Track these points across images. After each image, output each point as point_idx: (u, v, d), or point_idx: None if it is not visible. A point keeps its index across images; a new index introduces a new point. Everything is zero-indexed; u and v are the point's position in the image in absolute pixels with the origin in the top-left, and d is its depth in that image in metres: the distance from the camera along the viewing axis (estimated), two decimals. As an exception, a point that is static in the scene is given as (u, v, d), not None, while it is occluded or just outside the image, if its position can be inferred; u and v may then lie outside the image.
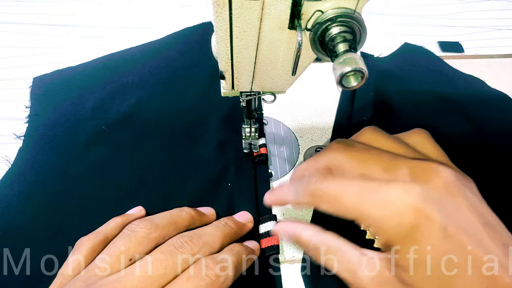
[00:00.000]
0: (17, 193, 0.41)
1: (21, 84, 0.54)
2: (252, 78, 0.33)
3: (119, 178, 0.42)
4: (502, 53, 0.62)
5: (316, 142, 0.47)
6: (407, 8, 0.71)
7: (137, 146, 0.46)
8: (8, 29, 0.64)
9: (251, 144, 0.44)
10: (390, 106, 0.51)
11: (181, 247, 0.29)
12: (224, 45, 0.28)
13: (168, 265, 0.28)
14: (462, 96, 0.52)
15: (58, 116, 0.48)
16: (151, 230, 0.30)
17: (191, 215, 0.34)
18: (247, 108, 0.40)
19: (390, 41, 0.63)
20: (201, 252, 0.30)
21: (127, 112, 0.49)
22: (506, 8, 0.72)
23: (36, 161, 0.44)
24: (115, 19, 0.66)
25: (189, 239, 0.30)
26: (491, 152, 0.45)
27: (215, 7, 0.24)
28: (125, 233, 0.31)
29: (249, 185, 0.41)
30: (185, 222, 0.34)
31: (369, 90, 0.52)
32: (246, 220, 0.37)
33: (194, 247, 0.30)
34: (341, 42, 0.23)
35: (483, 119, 0.49)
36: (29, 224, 0.38)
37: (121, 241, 0.30)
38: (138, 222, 0.31)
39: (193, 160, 0.44)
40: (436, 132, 0.48)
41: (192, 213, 0.34)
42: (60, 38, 0.62)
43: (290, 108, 0.51)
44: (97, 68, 0.56)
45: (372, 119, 0.48)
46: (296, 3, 0.24)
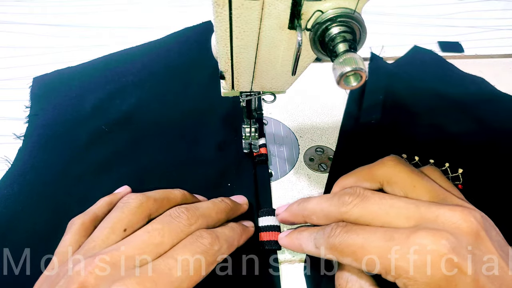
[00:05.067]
0: (17, 193, 0.41)
1: (21, 84, 0.54)
2: (252, 78, 0.33)
3: (118, 178, 0.42)
4: (502, 53, 0.62)
5: (316, 142, 0.47)
6: (407, 8, 0.71)
7: (137, 146, 0.46)
8: (8, 29, 0.64)
9: (251, 144, 0.44)
10: (399, 109, 0.50)
11: (178, 217, 0.30)
12: (224, 45, 0.28)
13: (165, 234, 0.28)
14: (472, 100, 0.52)
15: (58, 116, 0.48)
16: (143, 200, 0.31)
17: (184, 194, 0.35)
18: (247, 108, 0.40)
19: (390, 41, 0.63)
20: (197, 223, 0.30)
21: (127, 112, 0.49)
22: (506, 8, 0.72)
23: (36, 161, 0.44)
24: (115, 19, 0.66)
25: (186, 210, 0.31)
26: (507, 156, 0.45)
27: (215, 7, 0.24)
28: (118, 206, 0.31)
29: (249, 185, 0.41)
30: (178, 198, 0.34)
31: (378, 93, 0.51)
32: (242, 202, 0.38)
33: (191, 218, 0.30)
34: (341, 42, 0.23)
35: (493, 122, 0.49)
36: (29, 224, 0.38)
37: (114, 213, 0.30)
38: (130, 195, 0.32)
39: (193, 160, 0.44)
40: (446, 135, 0.48)
41: (185, 193, 0.35)
42: (60, 38, 0.62)
43: (290, 108, 0.51)
44: (97, 68, 0.56)
45: (380, 122, 0.48)
46: (296, 3, 0.24)
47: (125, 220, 0.30)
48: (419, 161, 0.45)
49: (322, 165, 0.45)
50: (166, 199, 0.33)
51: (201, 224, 0.30)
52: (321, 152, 0.46)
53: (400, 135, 0.47)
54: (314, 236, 0.30)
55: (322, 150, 0.46)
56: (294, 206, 0.34)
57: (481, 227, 0.25)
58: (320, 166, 0.45)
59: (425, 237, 0.24)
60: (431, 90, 0.53)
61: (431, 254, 0.23)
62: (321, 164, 0.45)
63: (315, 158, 0.46)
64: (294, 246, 0.33)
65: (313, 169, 0.44)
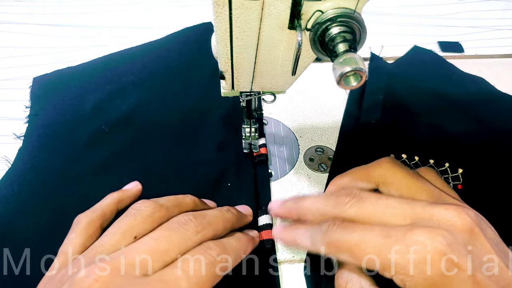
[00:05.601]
0: (16, 193, 0.41)
1: (21, 84, 0.54)
2: (252, 78, 0.33)
3: (118, 178, 0.42)
4: (502, 53, 0.62)
5: (316, 142, 0.47)
6: (407, 8, 0.71)
7: (137, 146, 0.46)
8: (8, 29, 0.64)
9: (251, 144, 0.44)
10: (399, 109, 0.50)
11: (185, 224, 0.29)
12: (224, 45, 0.28)
13: (172, 241, 0.28)
14: (472, 100, 0.52)
15: (58, 116, 0.48)
16: (156, 209, 0.31)
17: (194, 201, 0.35)
18: (247, 108, 0.40)
19: (390, 41, 0.63)
20: (204, 231, 0.30)
21: (127, 112, 0.49)
22: (506, 8, 0.72)
23: (36, 161, 0.44)
24: (115, 19, 0.66)
25: (194, 217, 0.30)
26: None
27: (215, 7, 0.24)
28: (130, 212, 0.31)
29: (249, 185, 0.41)
30: (189, 207, 0.34)
31: (379, 93, 0.51)
32: (247, 212, 0.38)
33: (198, 225, 0.30)
34: (341, 42, 0.23)
35: (493, 122, 0.49)
36: (29, 224, 0.38)
37: (126, 219, 0.30)
38: (143, 201, 0.31)
39: (193, 160, 0.44)
40: (446, 135, 0.48)
41: (196, 200, 0.35)
42: (60, 38, 0.62)
43: (290, 108, 0.51)
44: (97, 68, 0.56)
45: (380, 122, 0.48)
46: (296, 3, 0.24)
47: (136, 227, 0.29)
48: (419, 161, 0.45)
49: (322, 165, 0.45)
50: (178, 208, 0.32)
51: (207, 232, 0.30)
52: (321, 152, 0.46)
53: (400, 135, 0.47)
54: (311, 232, 0.30)
55: (322, 150, 0.46)
56: (289, 203, 0.34)
57: (476, 224, 0.25)
58: (320, 166, 0.45)
59: (421, 234, 0.24)
60: (431, 90, 0.53)
61: (430, 253, 0.23)
62: (321, 164, 0.45)
63: (315, 158, 0.46)
64: (289, 241, 0.32)
65: (313, 169, 0.44)
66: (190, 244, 0.29)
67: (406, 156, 0.45)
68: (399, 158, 0.45)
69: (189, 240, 0.29)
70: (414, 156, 0.45)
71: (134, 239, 0.29)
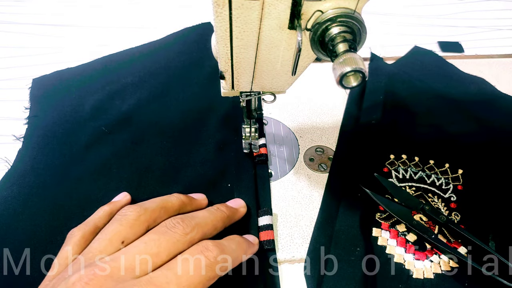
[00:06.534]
0: (16, 194, 0.41)
1: (21, 84, 0.54)
2: (252, 78, 0.33)
3: (118, 178, 0.42)
4: (502, 53, 0.62)
5: (316, 142, 0.47)
6: (407, 8, 0.71)
7: (137, 146, 0.45)
8: (8, 29, 0.64)
9: (251, 144, 0.44)
10: (399, 109, 0.50)
11: (173, 227, 0.30)
12: (224, 45, 0.28)
13: (161, 244, 0.29)
14: (472, 100, 0.52)
15: (58, 117, 0.48)
16: (141, 213, 0.31)
17: (181, 200, 0.35)
18: (247, 108, 0.40)
19: (390, 41, 0.63)
20: (193, 233, 0.30)
21: (126, 112, 0.49)
22: (506, 8, 0.72)
23: (36, 162, 0.44)
24: (115, 19, 0.66)
25: (181, 220, 0.31)
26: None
27: (215, 7, 0.24)
28: (116, 218, 0.31)
29: (249, 185, 0.41)
30: (175, 206, 0.34)
31: (379, 93, 0.51)
32: (238, 206, 0.38)
33: (186, 228, 0.30)
34: (341, 42, 0.23)
35: (493, 122, 0.49)
36: (29, 225, 0.38)
37: (112, 226, 0.31)
38: (128, 207, 0.32)
39: (193, 160, 0.44)
40: (447, 135, 0.48)
41: (182, 198, 0.35)
42: (60, 38, 0.62)
43: (290, 108, 0.51)
44: (96, 69, 0.55)
45: (380, 122, 0.48)
46: (296, 3, 0.24)
47: (123, 232, 0.30)
48: (419, 161, 0.45)
49: (322, 165, 0.45)
50: (163, 209, 0.33)
51: (197, 234, 0.31)
52: (321, 152, 0.46)
53: (400, 135, 0.47)
54: None
55: (322, 150, 0.46)
56: None
57: None
58: (320, 166, 0.45)
59: None
60: (431, 90, 0.53)
61: None
62: (321, 164, 0.45)
63: (315, 158, 0.46)
64: None
65: (313, 169, 0.44)
66: (179, 246, 0.29)
67: (406, 156, 0.45)
68: (399, 158, 0.45)
69: (177, 242, 0.29)
70: (414, 157, 0.45)
71: (122, 244, 0.30)
